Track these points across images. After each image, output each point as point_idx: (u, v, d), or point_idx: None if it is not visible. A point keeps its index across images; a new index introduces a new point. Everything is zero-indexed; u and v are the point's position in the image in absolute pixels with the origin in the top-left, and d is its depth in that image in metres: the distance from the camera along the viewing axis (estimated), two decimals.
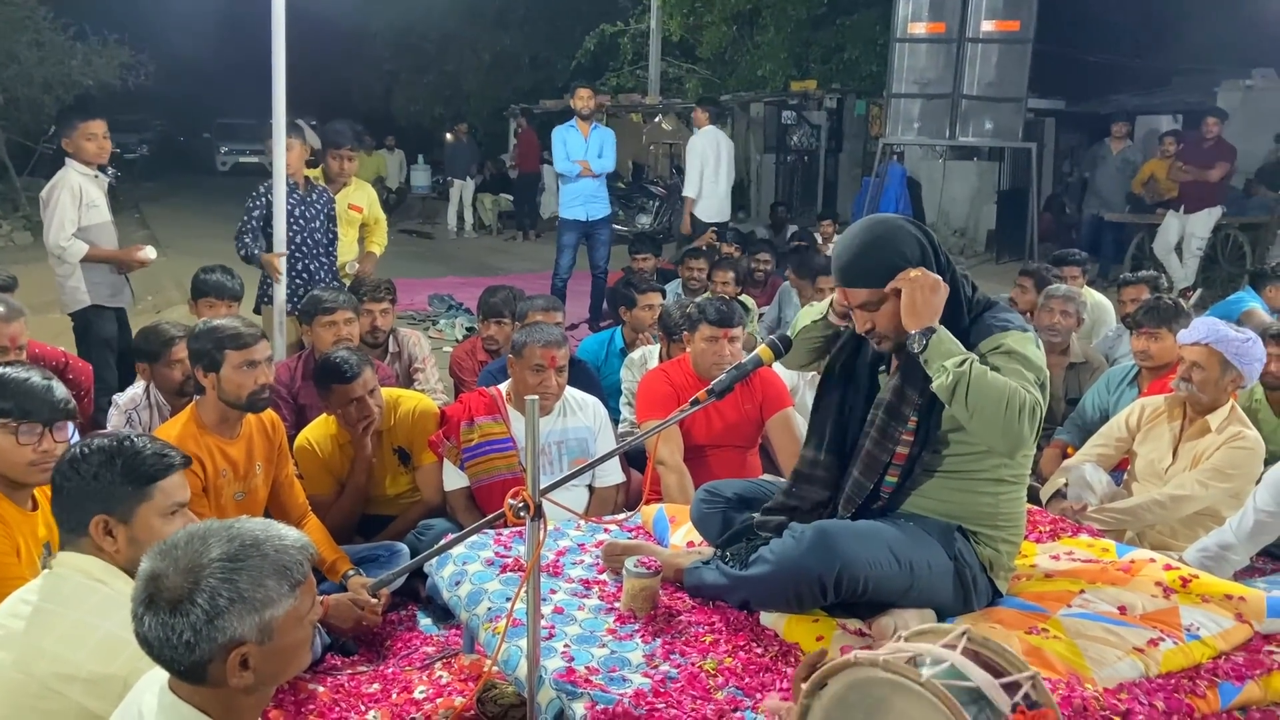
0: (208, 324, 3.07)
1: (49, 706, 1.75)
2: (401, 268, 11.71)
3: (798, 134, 16.32)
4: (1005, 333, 2.30)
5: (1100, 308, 5.82)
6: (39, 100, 14.19)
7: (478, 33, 21.95)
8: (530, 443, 2.04)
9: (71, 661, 1.76)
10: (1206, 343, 3.36)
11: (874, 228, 2.39)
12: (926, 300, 2.27)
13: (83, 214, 4.63)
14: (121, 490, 1.92)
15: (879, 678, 1.30)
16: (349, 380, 3.43)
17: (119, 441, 1.96)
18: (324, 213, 5.18)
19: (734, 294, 5.96)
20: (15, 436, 2.30)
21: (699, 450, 3.72)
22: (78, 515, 1.92)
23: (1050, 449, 4.28)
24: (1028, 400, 2.16)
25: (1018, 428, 2.16)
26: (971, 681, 1.28)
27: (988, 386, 2.16)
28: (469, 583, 2.70)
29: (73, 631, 1.80)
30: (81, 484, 1.91)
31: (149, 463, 1.95)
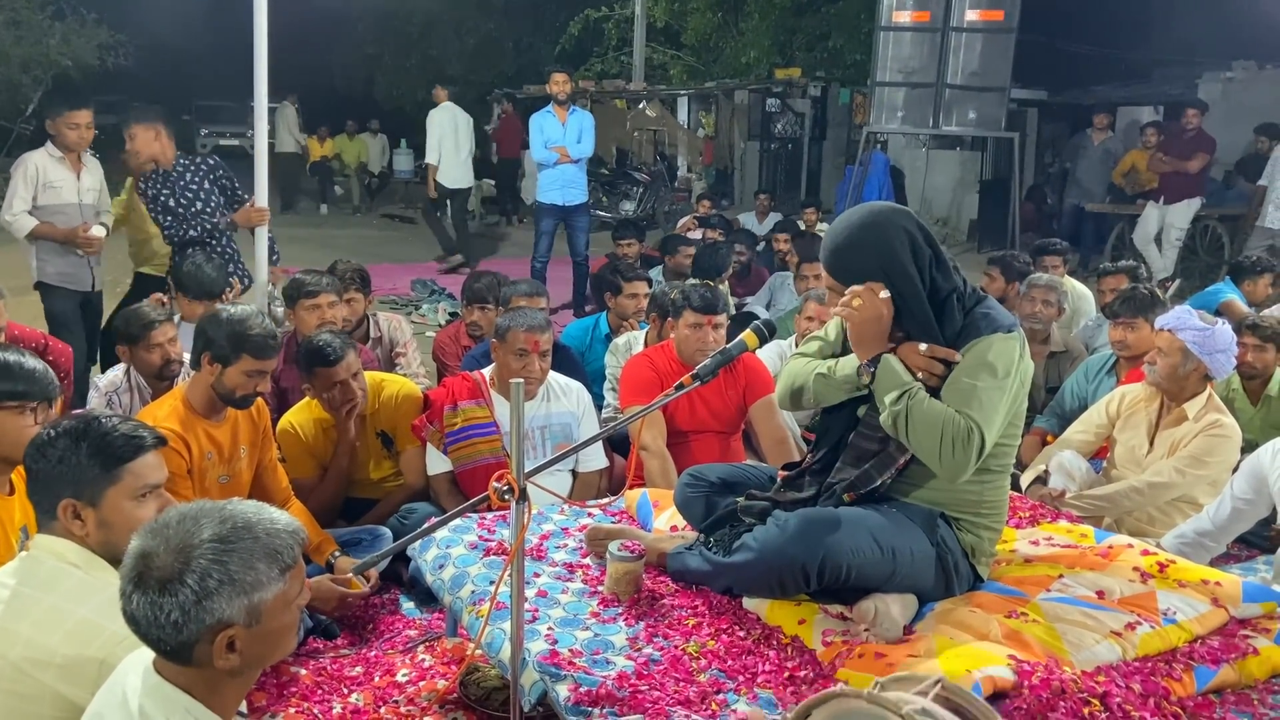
0: (234, 316, 3.00)
1: (24, 691, 1.73)
2: (384, 252, 11.68)
3: (782, 122, 16.33)
4: (990, 335, 2.31)
5: (1080, 297, 5.86)
6: (16, 80, 14.01)
7: (461, 16, 21.80)
8: (515, 425, 2.04)
9: (46, 647, 1.74)
10: (1170, 329, 3.40)
11: (865, 221, 2.38)
12: (868, 330, 2.34)
13: (40, 193, 4.62)
14: (88, 473, 1.87)
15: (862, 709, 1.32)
16: (332, 363, 3.42)
17: (86, 423, 1.92)
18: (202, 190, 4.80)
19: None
20: (33, 416, 2.32)
21: (682, 436, 3.73)
22: (48, 498, 1.89)
23: (1030, 436, 4.32)
24: (962, 431, 2.22)
25: (953, 459, 2.24)
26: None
27: (923, 421, 2.25)
28: (452, 566, 2.70)
29: (47, 616, 1.78)
30: (49, 467, 1.87)
31: (117, 444, 1.90)
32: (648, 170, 15.75)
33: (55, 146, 4.68)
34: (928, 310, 2.35)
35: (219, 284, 4.32)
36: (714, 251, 6.40)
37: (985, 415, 2.25)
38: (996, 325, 2.33)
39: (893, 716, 1.27)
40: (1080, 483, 3.62)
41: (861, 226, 2.37)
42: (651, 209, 14.88)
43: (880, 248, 2.33)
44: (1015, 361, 2.32)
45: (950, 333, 2.35)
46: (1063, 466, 3.67)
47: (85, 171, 4.78)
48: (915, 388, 2.29)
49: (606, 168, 15.99)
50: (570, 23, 17.56)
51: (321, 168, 16.59)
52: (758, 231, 10.13)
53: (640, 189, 15.04)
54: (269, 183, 4.75)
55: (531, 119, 7.93)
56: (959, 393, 2.29)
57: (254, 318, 3.01)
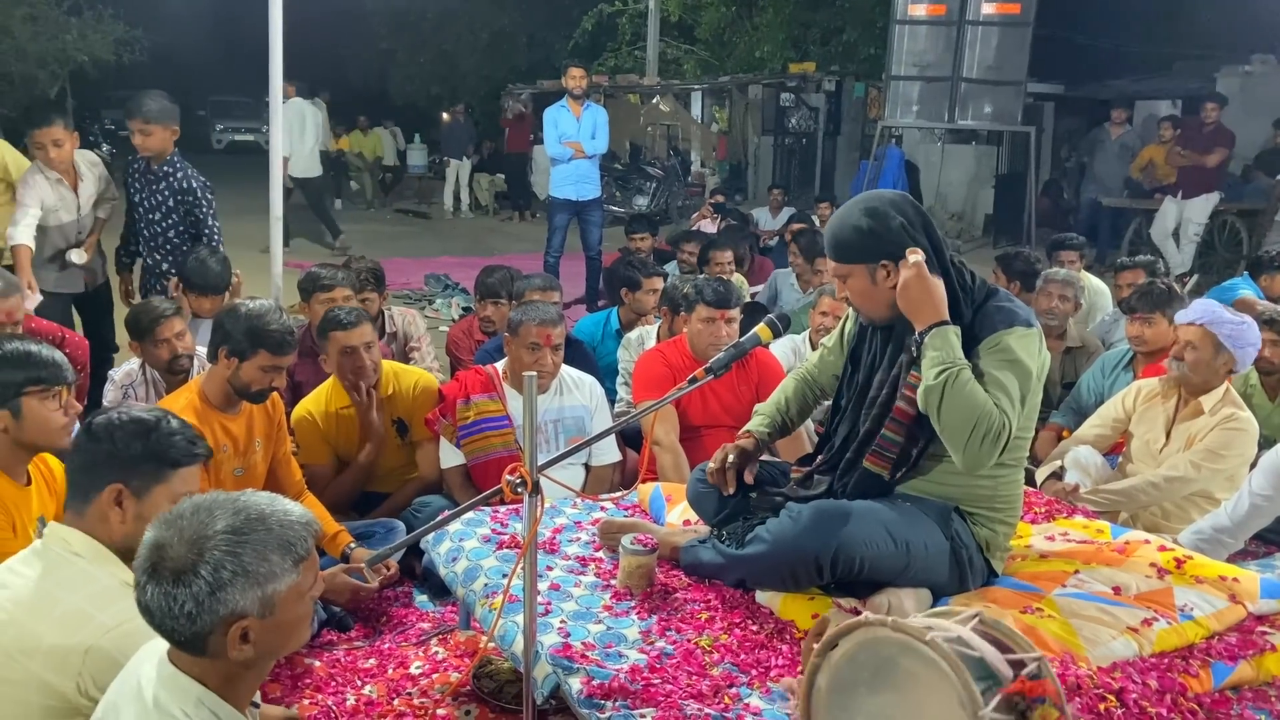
0: (252, 311, 3.01)
1: (11, 676, 1.74)
2: (397, 247, 11.71)
3: (796, 116, 16.28)
4: (1009, 330, 2.28)
5: (1096, 292, 5.82)
6: (33, 75, 14.11)
7: (475, 11, 21.84)
8: (528, 418, 2.04)
9: (34, 633, 1.75)
10: (1202, 323, 3.37)
11: (867, 204, 2.37)
12: (916, 295, 2.26)
13: (46, 216, 4.54)
14: (146, 465, 1.92)
15: (888, 638, 1.32)
16: (346, 327, 3.47)
17: (156, 418, 1.98)
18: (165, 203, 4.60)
19: (730, 274, 5.96)
20: (57, 401, 2.35)
21: (694, 431, 3.73)
22: (93, 479, 1.91)
23: (1045, 431, 4.29)
24: (995, 425, 2.16)
25: (979, 450, 2.19)
26: (977, 652, 1.30)
27: (961, 404, 2.17)
28: (465, 559, 2.70)
29: (40, 603, 1.79)
30: (110, 449, 1.91)
31: (178, 447, 1.96)
32: (661, 165, 15.73)
33: (45, 166, 4.53)
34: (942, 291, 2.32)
35: (224, 278, 4.29)
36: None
37: (1015, 409, 2.22)
38: (1014, 319, 2.30)
39: (916, 642, 1.27)
40: (1095, 478, 3.60)
41: (864, 210, 2.36)
42: (665, 204, 14.86)
43: (882, 228, 2.31)
44: (1036, 356, 2.30)
45: (959, 326, 2.32)
46: (1078, 461, 3.65)
47: (83, 183, 4.65)
48: (961, 366, 2.20)
49: (620, 162, 15.98)
50: (584, 17, 17.55)
51: (336, 163, 16.64)
52: (771, 226, 10.11)
53: (654, 184, 15.02)
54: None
55: (545, 113, 7.92)
56: (991, 384, 2.24)
57: (272, 314, 3.02)
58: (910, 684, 1.41)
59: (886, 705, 1.49)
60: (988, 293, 2.39)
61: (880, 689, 1.49)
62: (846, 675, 1.51)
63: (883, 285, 2.33)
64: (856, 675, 1.43)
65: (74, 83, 14.95)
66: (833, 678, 1.57)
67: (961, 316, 2.32)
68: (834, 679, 1.59)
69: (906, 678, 1.32)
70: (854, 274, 2.36)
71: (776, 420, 2.74)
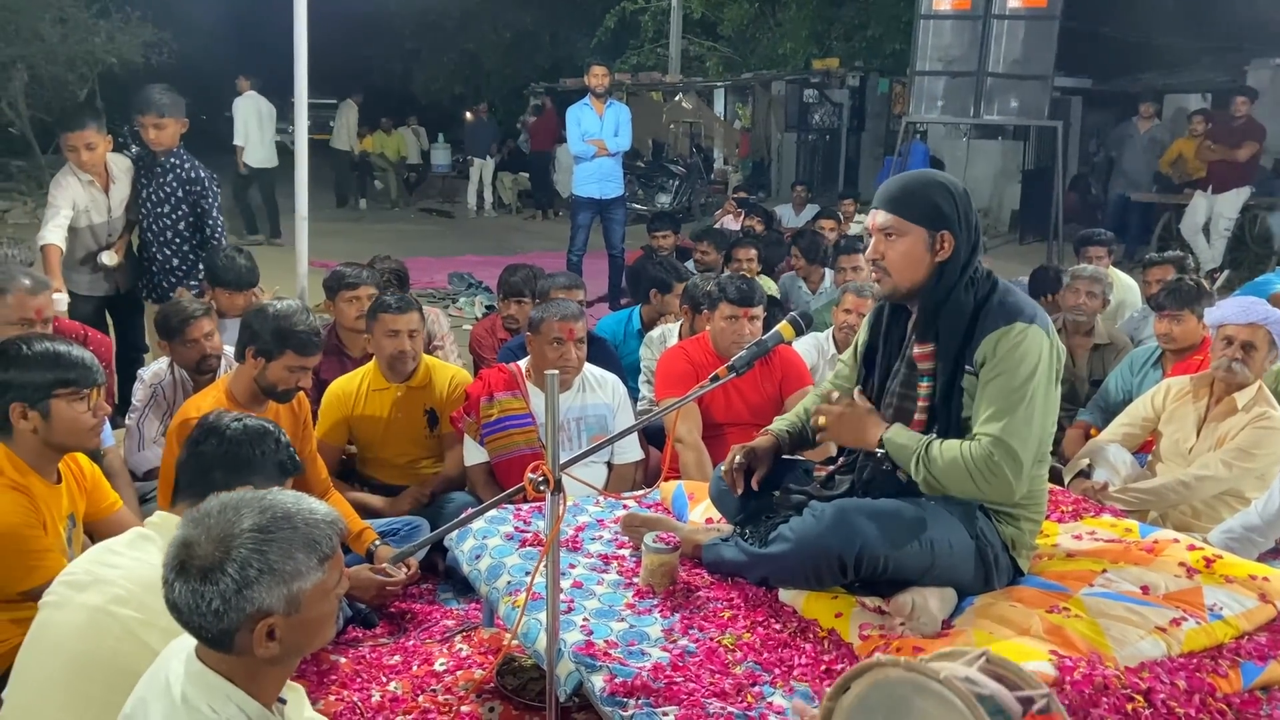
0: (279, 312, 3.05)
1: (127, 649, 1.82)
2: (421, 246, 11.77)
3: (819, 113, 16.21)
4: (1008, 327, 2.27)
5: (1126, 288, 5.76)
6: (63, 78, 14.26)
7: (499, 10, 21.87)
8: (550, 417, 2.05)
9: (153, 609, 1.79)
10: (1264, 324, 3.33)
11: (928, 173, 2.45)
12: (851, 431, 2.42)
13: (77, 217, 4.54)
14: (270, 471, 2.17)
15: (901, 678, 1.31)
16: (395, 311, 3.60)
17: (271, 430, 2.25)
18: (173, 195, 4.64)
19: (756, 272, 5.94)
20: (86, 403, 2.42)
21: (717, 428, 3.72)
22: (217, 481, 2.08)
23: (1073, 430, 4.26)
24: (984, 463, 2.21)
25: (991, 488, 2.25)
26: (986, 690, 1.30)
27: (948, 474, 2.26)
28: (489, 557, 2.71)
29: (158, 582, 1.85)
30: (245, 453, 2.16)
31: (287, 460, 2.26)
32: (684, 163, 15.72)
33: (76, 168, 4.52)
34: (956, 274, 2.33)
35: (253, 274, 4.31)
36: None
37: (1015, 424, 2.22)
38: (1015, 314, 2.29)
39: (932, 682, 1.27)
40: (1124, 476, 3.56)
41: (927, 175, 2.43)
42: (688, 201, 14.85)
43: (938, 195, 2.34)
44: (1043, 355, 2.27)
45: (959, 311, 2.33)
46: (1106, 460, 3.62)
47: (114, 185, 4.64)
48: (924, 447, 2.29)
49: (643, 160, 15.99)
50: (606, 16, 17.55)
51: (361, 163, 16.76)
52: (794, 223, 10.07)
53: (676, 181, 15.02)
54: (321, 177, 4.72)
55: (568, 111, 7.93)
56: (988, 401, 2.26)
57: (299, 314, 3.05)
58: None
59: None
60: (992, 285, 2.38)
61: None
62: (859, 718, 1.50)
63: (933, 255, 2.34)
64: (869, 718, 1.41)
65: (103, 85, 15.08)
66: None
67: (962, 304, 2.33)
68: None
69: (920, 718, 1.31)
70: (912, 234, 2.33)
71: (797, 426, 2.72)
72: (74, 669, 1.84)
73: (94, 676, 1.82)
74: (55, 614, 1.93)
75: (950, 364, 2.34)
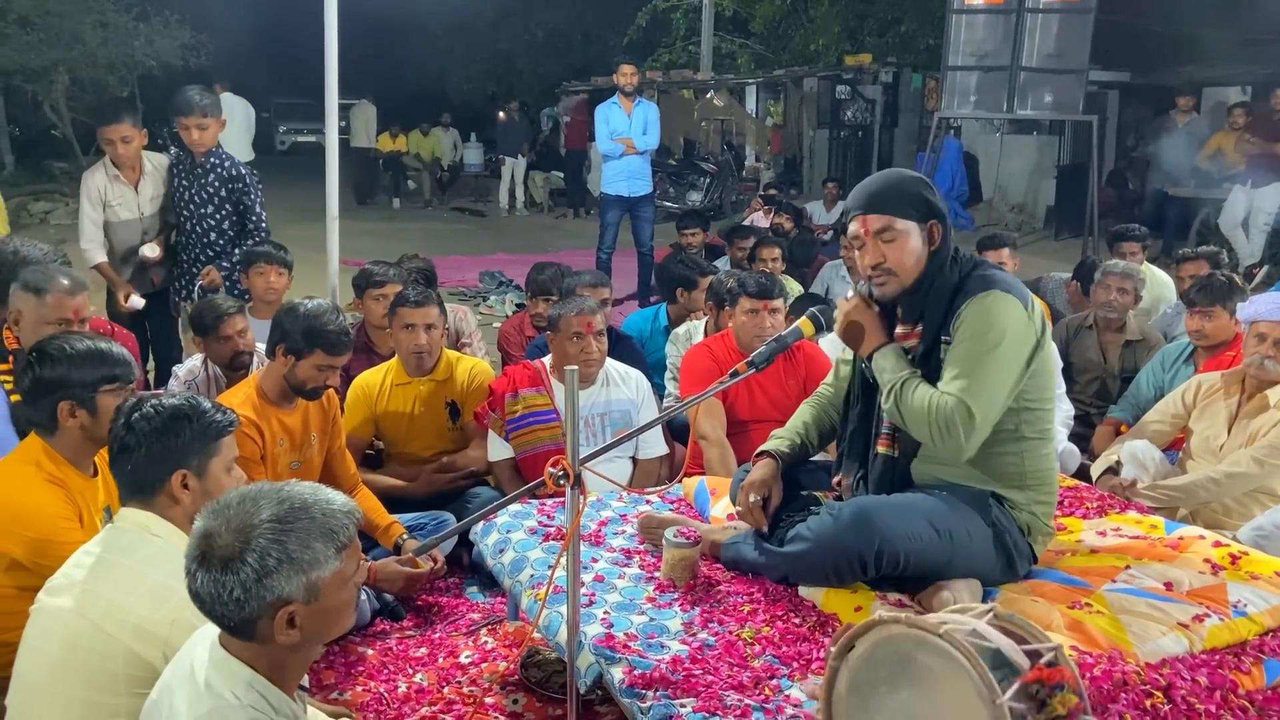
0: (310, 311, 3.08)
1: (101, 648, 1.84)
2: (454, 245, 11.87)
3: (852, 109, 16.11)
4: (985, 293, 2.30)
5: (1161, 284, 5.69)
6: (104, 81, 14.51)
7: (531, 10, 21.98)
8: (570, 412, 2.07)
9: (122, 607, 1.86)
10: None
11: (898, 170, 2.54)
12: (855, 328, 2.46)
13: (105, 213, 4.62)
14: (196, 445, 2.04)
15: (904, 634, 1.33)
16: (413, 305, 3.64)
17: (188, 404, 2.08)
18: (217, 194, 4.70)
19: (781, 270, 5.94)
20: (123, 398, 2.42)
21: (742, 425, 3.73)
22: (152, 473, 2.03)
23: (1103, 426, 4.22)
24: (945, 414, 2.24)
25: (945, 441, 2.28)
26: (992, 643, 1.30)
27: (911, 411, 2.31)
28: (512, 550, 2.75)
29: (126, 579, 1.90)
30: (157, 441, 2.02)
31: (217, 422, 2.08)
32: (715, 160, 15.70)
33: (110, 162, 4.61)
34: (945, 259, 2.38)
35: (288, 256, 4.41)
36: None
37: (977, 386, 2.25)
38: (990, 284, 2.32)
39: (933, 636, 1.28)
40: (1154, 473, 3.52)
41: (899, 172, 2.51)
42: (719, 199, 14.83)
43: (921, 186, 2.41)
44: (1016, 321, 2.29)
45: (943, 289, 2.37)
46: (1136, 456, 3.58)
47: (145, 181, 4.70)
48: (901, 380, 2.33)
49: (673, 158, 15.99)
50: (638, 14, 17.56)
51: (394, 163, 16.91)
52: (825, 220, 10.04)
53: (707, 179, 15.00)
54: (342, 176, 4.78)
55: (597, 110, 7.96)
56: (953, 363, 2.30)
57: (329, 314, 3.09)
58: (928, 678, 1.41)
59: (906, 702, 1.50)
60: (974, 264, 2.43)
61: (899, 686, 1.50)
62: (865, 676, 1.52)
63: (928, 247, 2.39)
64: (875, 675, 1.44)
65: (142, 87, 15.35)
66: (852, 679, 1.59)
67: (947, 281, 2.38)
68: (853, 681, 1.60)
69: (924, 673, 1.33)
70: (909, 231, 2.37)
71: (795, 442, 2.72)
72: (56, 672, 1.88)
73: (74, 677, 1.86)
74: (38, 619, 1.97)
75: (931, 337, 2.37)
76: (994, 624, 1.38)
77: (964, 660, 1.24)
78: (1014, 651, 1.30)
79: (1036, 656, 1.32)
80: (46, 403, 2.41)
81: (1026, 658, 1.30)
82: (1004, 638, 1.31)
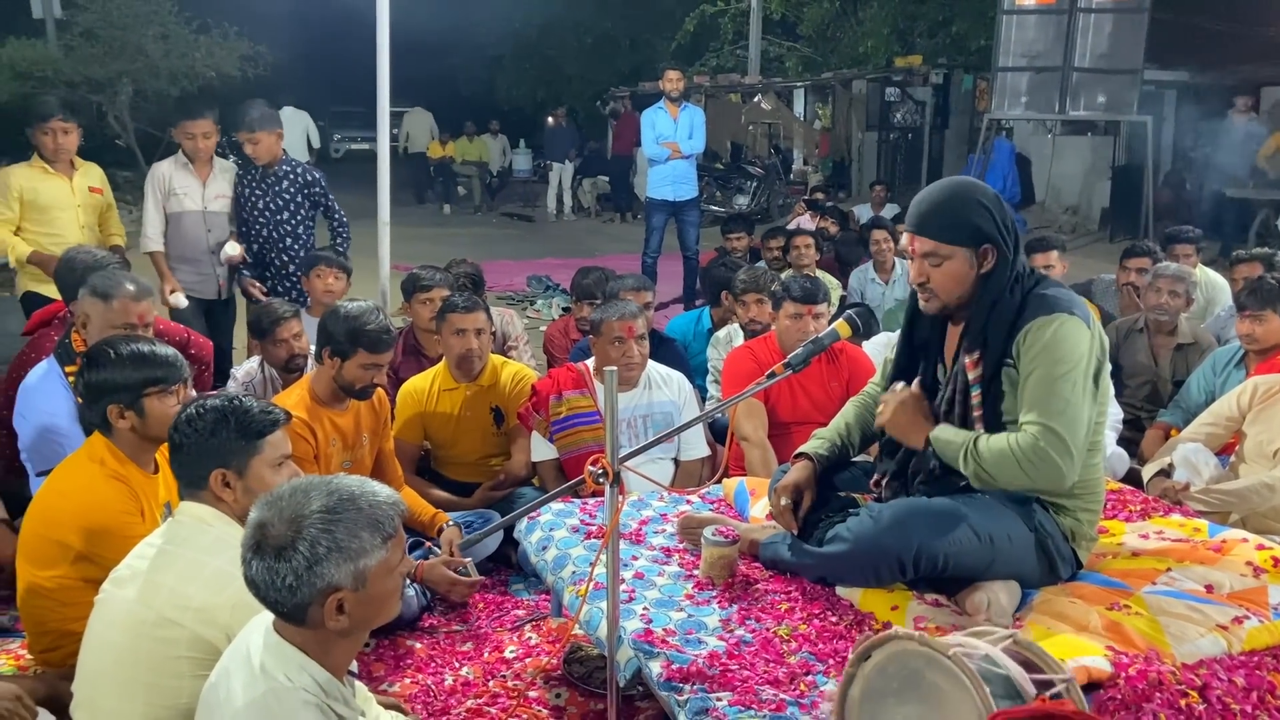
0: (350, 312, 3.17)
1: (166, 635, 1.94)
2: (502, 249, 12.01)
3: (902, 111, 16.00)
4: (1049, 316, 2.27)
5: (1215, 287, 5.59)
6: (165, 91, 14.91)
7: (580, 16, 22.14)
8: (609, 411, 2.12)
9: (185, 594, 1.96)
10: None
11: (958, 187, 2.42)
12: (904, 425, 2.44)
13: (166, 201, 4.78)
14: (236, 445, 2.12)
15: (915, 651, 1.36)
16: (462, 311, 3.72)
17: (230, 401, 2.16)
18: (293, 200, 4.91)
19: (814, 259, 6.01)
20: (175, 397, 2.56)
21: (784, 427, 3.75)
22: (197, 470, 2.12)
23: (1153, 430, 4.17)
24: (1031, 451, 2.21)
25: (1044, 476, 2.24)
26: (1003, 670, 1.33)
27: (998, 466, 2.26)
28: (555, 548, 2.80)
29: (187, 568, 2.00)
30: (200, 441, 2.11)
31: (257, 420, 2.15)
32: (762, 164, 15.68)
33: (183, 154, 4.80)
34: (1003, 281, 2.34)
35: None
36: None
37: (1057, 411, 2.22)
38: (1054, 307, 2.29)
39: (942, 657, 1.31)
40: (1207, 477, 3.47)
41: (955, 190, 2.41)
42: (765, 202, 14.81)
43: (972, 211, 2.34)
44: (1083, 344, 2.27)
45: (1005, 313, 2.33)
46: (1188, 460, 3.53)
47: (212, 178, 4.83)
48: (971, 439, 2.31)
49: (720, 162, 15.99)
50: (686, 18, 17.60)
51: (444, 169, 17.16)
52: None
53: (754, 183, 14.99)
54: (398, 180, 4.90)
55: (643, 115, 8.03)
56: (1029, 390, 2.26)
57: (369, 314, 3.18)
58: (935, 696, 1.46)
59: (912, 716, 1.53)
60: (1036, 280, 2.39)
61: (907, 700, 1.54)
62: (877, 684, 1.56)
63: (977, 270, 2.36)
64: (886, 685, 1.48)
65: (202, 98, 15.75)
66: (865, 686, 1.63)
67: (1009, 304, 2.33)
68: (866, 688, 1.65)
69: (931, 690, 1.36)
70: (956, 257, 2.34)
71: (836, 443, 2.73)
72: (122, 659, 1.97)
73: (139, 663, 1.95)
74: (103, 609, 2.07)
75: (994, 364, 2.35)
76: (1011, 649, 1.41)
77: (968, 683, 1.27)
78: (1023, 680, 1.33)
79: (1047, 686, 1.35)
80: (98, 406, 2.53)
81: (1035, 687, 1.33)
82: (1016, 666, 1.35)
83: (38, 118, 4.54)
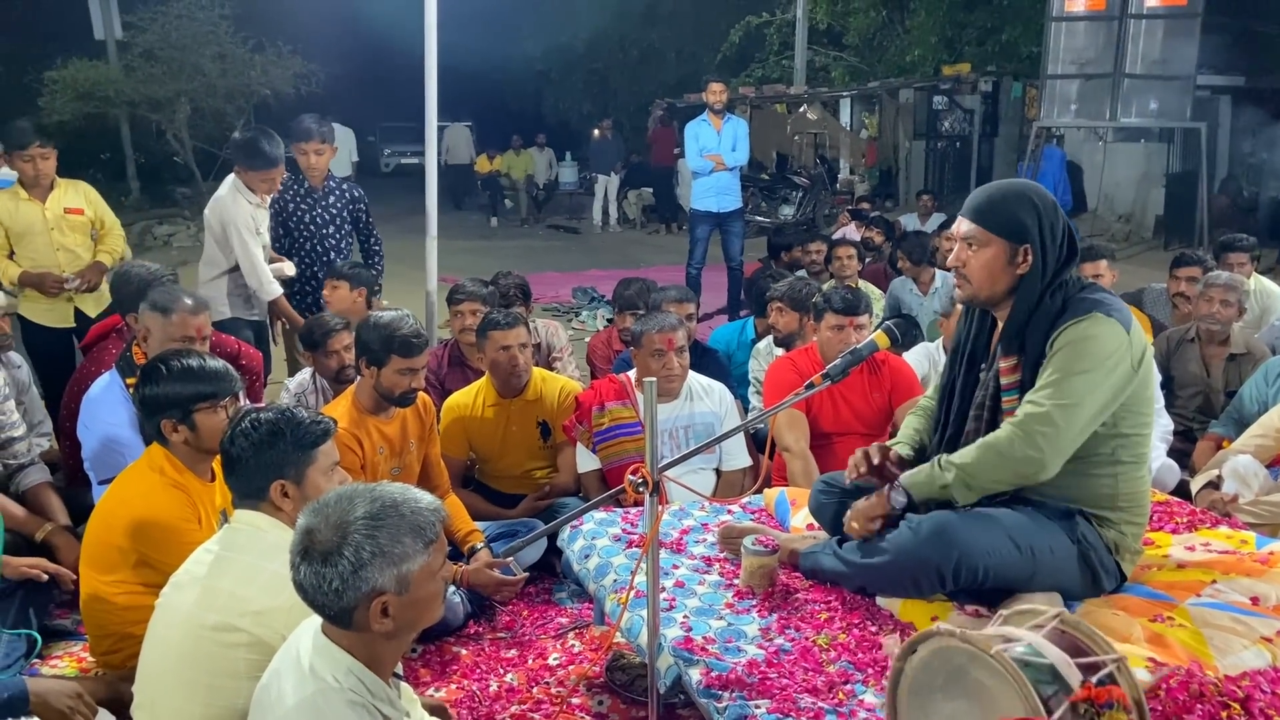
0: (382, 320, 3.25)
1: (225, 638, 2.01)
2: (548, 261, 12.12)
3: (949, 119, 15.88)
4: (1087, 315, 2.27)
5: (1270, 295, 5.47)
6: (221, 109, 15.30)
7: (626, 29, 22.29)
8: (649, 421, 2.16)
9: (243, 597, 2.03)
10: None
11: (1018, 183, 2.46)
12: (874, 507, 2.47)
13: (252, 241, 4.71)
14: (293, 456, 2.19)
15: (958, 648, 1.37)
16: (503, 328, 3.74)
17: (282, 414, 2.24)
18: (339, 215, 4.93)
19: (856, 270, 6.02)
20: (225, 411, 2.65)
21: (826, 438, 3.75)
22: (256, 483, 2.20)
23: (1204, 441, 4.10)
24: (1015, 424, 2.26)
25: (1019, 454, 2.26)
26: (1047, 659, 1.33)
27: (977, 461, 2.32)
28: (597, 556, 2.84)
29: (245, 573, 2.07)
30: (257, 454, 2.19)
31: (310, 430, 2.23)
32: (807, 174, 15.64)
33: (248, 191, 4.53)
34: (1038, 287, 2.35)
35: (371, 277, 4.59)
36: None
37: (1061, 396, 2.23)
38: (1094, 307, 2.29)
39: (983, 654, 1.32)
40: (1256, 489, 3.42)
41: (1015, 187, 2.44)
42: (811, 213, 14.77)
43: (1021, 209, 2.36)
44: (1112, 344, 2.26)
45: (1044, 318, 2.33)
46: (1237, 472, 3.48)
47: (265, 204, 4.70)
48: (936, 461, 2.39)
49: (766, 173, 15.98)
50: (731, 30, 17.64)
51: (492, 183, 17.37)
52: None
53: (800, 193, 14.95)
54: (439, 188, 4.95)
55: (687, 127, 8.07)
56: (1043, 379, 2.28)
57: (401, 320, 3.26)
58: (980, 692, 1.46)
59: (959, 711, 1.54)
60: (1082, 286, 2.39)
61: (954, 695, 1.55)
62: (923, 680, 1.57)
63: (1013, 268, 2.37)
64: (932, 680, 1.49)
65: (257, 115, 16.12)
66: (912, 681, 1.64)
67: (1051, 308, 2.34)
68: (913, 682, 1.66)
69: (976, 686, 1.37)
70: (993, 246, 2.37)
71: (916, 443, 2.74)
72: (183, 661, 2.04)
73: (199, 664, 2.02)
74: (163, 613, 2.14)
75: (1032, 367, 2.35)
76: (1058, 629, 1.41)
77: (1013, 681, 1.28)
78: (1067, 667, 1.33)
79: (1093, 670, 1.34)
80: (153, 420, 2.64)
81: (1080, 672, 1.33)
82: (1059, 652, 1.34)
83: (15, 146, 4.48)
